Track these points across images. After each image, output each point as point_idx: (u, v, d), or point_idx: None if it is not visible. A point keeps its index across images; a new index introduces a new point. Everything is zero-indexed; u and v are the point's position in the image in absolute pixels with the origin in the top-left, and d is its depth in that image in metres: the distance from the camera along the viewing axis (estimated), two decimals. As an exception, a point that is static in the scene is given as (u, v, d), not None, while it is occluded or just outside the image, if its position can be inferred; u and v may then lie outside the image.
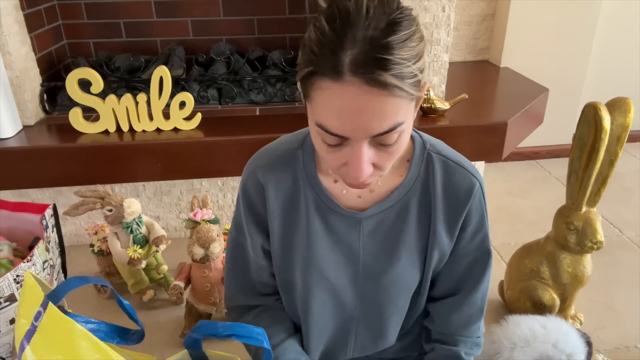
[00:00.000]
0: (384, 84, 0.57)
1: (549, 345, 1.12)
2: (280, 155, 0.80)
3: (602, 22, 2.25)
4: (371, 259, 0.81)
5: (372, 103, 0.58)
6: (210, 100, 1.82)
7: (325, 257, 0.81)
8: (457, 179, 0.78)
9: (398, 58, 0.57)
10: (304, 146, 0.80)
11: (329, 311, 0.86)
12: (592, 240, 1.31)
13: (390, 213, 0.79)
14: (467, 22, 2.26)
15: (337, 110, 0.60)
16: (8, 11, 1.54)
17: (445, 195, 0.78)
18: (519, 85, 2.06)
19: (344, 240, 0.81)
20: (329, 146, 0.65)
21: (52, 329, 0.68)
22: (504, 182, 2.30)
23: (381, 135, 0.62)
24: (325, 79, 0.59)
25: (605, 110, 1.22)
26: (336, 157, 0.66)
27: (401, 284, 0.83)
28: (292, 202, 0.80)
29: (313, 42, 0.60)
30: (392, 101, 0.59)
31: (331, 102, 0.60)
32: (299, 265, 0.82)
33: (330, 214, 0.79)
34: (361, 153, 0.63)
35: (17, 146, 1.55)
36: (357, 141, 0.62)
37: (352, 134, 0.61)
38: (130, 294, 1.52)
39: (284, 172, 0.79)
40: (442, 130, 1.64)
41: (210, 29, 1.99)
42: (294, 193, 0.80)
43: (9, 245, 1.21)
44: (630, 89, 2.41)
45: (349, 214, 0.79)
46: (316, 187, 0.79)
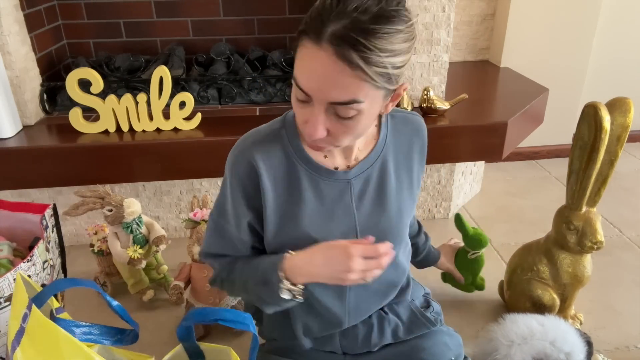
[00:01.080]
0: (350, 61, 0.65)
1: (547, 343, 1.12)
2: (265, 135, 0.86)
3: (602, 22, 2.25)
4: (365, 217, 0.88)
5: (336, 73, 0.66)
6: (210, 100, 1.82)
7: (321, 226, 0.86)
8: (409, 121, 0.93)
9: (372, 45, 0.64)
10: (285, 125, 0.87)
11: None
12: (592, 240, 1.31)
13: (373, 171, 0.89)
14: (467, 22, 2.26)
15: (308, 68, 0.69)
16: (8, 11, 1.54)
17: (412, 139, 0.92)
18: (519, 85, 2.06)
19: (338, 206, 0.87)
20: (298, 101, 0.73)
21: (37, 331, 0.69)
22: (504, 182, 2.30)
23: (338, 104, 0.69)
24: (309, 39, 0.67)
25: (605, 110, 1.22)
26: (302, 113, 0.74)
27: (395, 237, 0.92)
28: (284, 177, 0.85)
29: (314, 9, 0.68)
30: (355, 80, 0.67)
31: (306, 60, 0.68)
32: (295, 238, 0.86)
33: (321, 182, 0.86)
34: (317, 114, 0.71)
35: (17, 146, 1.55)
36: (317, 103, 0.70)
37: (314, 93, 0.69)
38: (130, 294, 1.52)
39: (273, 149, 0.85)
40: (442, 130, 1.64)
41: (210, 29, 2.00)
42: (285, 167, 0.85)
43: (9, 245, 1.21)
44: (630, 89, 2.41)
45: (338, 176, 0.85)
46: (304, 158, 0.85)
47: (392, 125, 0.91)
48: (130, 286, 1.51)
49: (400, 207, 0.92)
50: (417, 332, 0.99)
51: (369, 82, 0.67)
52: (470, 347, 1.26)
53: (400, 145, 0.91)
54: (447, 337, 1.00)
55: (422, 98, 1.68)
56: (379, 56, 0.65)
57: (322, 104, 0.70)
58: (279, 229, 0.87)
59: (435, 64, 1.72)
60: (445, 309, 1.15)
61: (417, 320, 1.00)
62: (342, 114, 0.71)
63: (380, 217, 0.90)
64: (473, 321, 1.48)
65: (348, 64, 0.65)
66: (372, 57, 0.65)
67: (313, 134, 0.72)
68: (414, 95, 1.75)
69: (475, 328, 1.44)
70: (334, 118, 0.72)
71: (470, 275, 1.48)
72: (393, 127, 0.91)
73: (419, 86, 1.73)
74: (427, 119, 1.68)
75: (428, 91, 1.67)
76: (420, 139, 0.94)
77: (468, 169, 2.06)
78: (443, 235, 1.68)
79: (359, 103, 0.69)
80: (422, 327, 1.00)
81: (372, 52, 0.65)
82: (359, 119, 0.72)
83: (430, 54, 1.70)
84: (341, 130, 0.73)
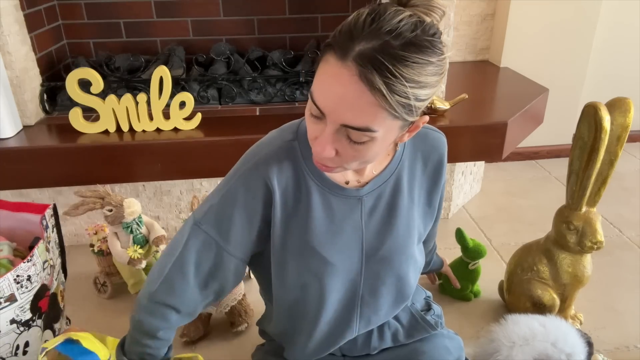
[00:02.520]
0: (372, 85, 0.61)
1: (548, 344, 1.12)
2: (279, 148, 0.81)
3: (602, 22, 2.25)
4: (372, 235, 0.86)
5: (356, 95, 0.62)
6: (210, 100, 1.82)
7: (330, 242, 0.84)
8: (428, 137, 0.90)
9: (398, 72, 0.60)
10: (298, 137, 0.82)
11: (335, 295, 0.88)
12: (592, 240, 1.31)
13: (386, 188, 0.86)
14: (467, 22, 2.26)
15: (327, 85, 0.65)
16: (8, 11, 1.54)
17: (429, 156, 0.89)
18: (519, 85, 2.06)
19: (347, 222, 0.84)
20: (311, 116, 0.70)
21: None
22: (504, 182, 2.30)
23: (351, 128, 0.66)
24: (334, 55, 0.64)
25: (605, 110, 1.22)
26: (313, 129, 0.71)
27: (401, 255, 0.89)
28: (295, 191, 0.82)
29: (345, 23, 0.65)
30: (373, 106, 0.63)
31: (326, 76, 0.65)
32: (300, 251, 0.83)
33: (332, 197, 0.83)
34: (327, 133, 0.68)
35: (17, 146, 1.55)
36: (330, 122, 0.67)
37: (328, 111, 0.66)
38: (130, 293, 1.52)
39: (285, 162, 0.81)
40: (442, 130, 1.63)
41: (210, 29, 1.99)
42: (296, 181, 0.81)
43: (9, 245, 1.21)
44: (630, 89, 2.41)
45: (350, 193, 0.83)
46: (316, 173, 0.82)
47: (410, 141, 0.87)
48: (130, 286, 1.51)
49: (410, 226, 0.89)
50: (418, 336, 0.99)
51: (387, 111, 0.63)
52: (471, 348, 1.26)
53: (417, 162, 0.88)
54: (448, 340, 1.00)
55: (422, 98, 1.68)
56: (403, 85, 0.61)
57: (335, 124, 0.66)
58: (285, 242, 0.84)
59: (435, 64, 1.72)
60: (445, 309, 1.15)
61: (417, 324, 0.99)
62: (354, 138, 0.67)
63: (389, 234, 0.86)
64: (473, 321, 1.48)
65: (369, 87, 0.61)
66: (397, 85, 0.61)
67: (321, 152, 0.69)
68: (414, 95, 1.74)
69: (475, 328, 1.44)
70: (344, 140, 0.68)
71: (469, 284, 1.54)
72: (411, 143, 0.87)
73: (419, 86, 1.73)
74: (427, 119, 1.68)
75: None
76: (438, 156, 0.90)
77: (468, 169, 2.06)
78: (443, 235, 1.68)
79: (373, 132, 0.66)
80: (422, 331, 0.99)
81: (397, 80, 0.61)
82: (370, 146, 0.69)
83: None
84: (350, 154, 0.70)
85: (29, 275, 1.07)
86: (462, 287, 1.53)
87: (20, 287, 1.06)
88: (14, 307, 1.06)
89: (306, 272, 0.85)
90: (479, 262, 1.53)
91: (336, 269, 0.85)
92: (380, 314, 0.93)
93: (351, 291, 0.88)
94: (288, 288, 0.88)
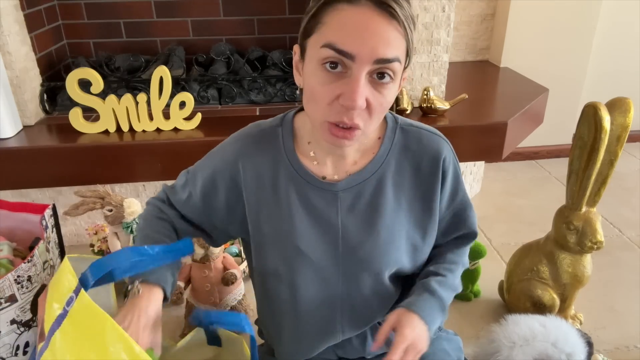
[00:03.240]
0: (392, 12, 0.66)
1: (548, 344, 1.12)
2: (262, 130, 0.85)
3: (602, 22, 2.25)
4: (350, 235, 0.83)
5: (381, 26, 0.66)
6: (210, 100, 1.82)
7: (304, 232, 0.83)
8: (426, 142, 0.84)
9: (401, 2, 0.67)
10: (283, 124, 0.84)
11: (311, 291, 0.86)
12: (592, 240, 1.31)
13: (366, 187, 0.82)
14: (467, 22, 2.26)
15: (350, 26, 0.66)
16: (8, 11, 1.54)
17: (421, 162, 0.83)
18: (519, 85, 2.06)
19: (323, 216, 0.83)
20: (327, 74, 0.68)
21: (82, 315, 0.69)
22: (504, 182, 2.30)
23: (383, 63, 0.66)
24: (342, 2, 0.66)
25: (605, 110, 1.22)
26: (331, 89, 0.68)
27: (382, 259, 0.84)
28: (271, 176, 0.83)
29: None
30: (396, 33, 0.67)
31: (346, 20, 0.66)
32: (276, 238, 0.84)
33: (308, 189, 0.82)
34: (359, 79, 0.67)
35: (17, 146, 1.55)
36: (360, 65, 0.66)
37: (361, 51, 0.65)
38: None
39: (266, 146, 0.83)
40: (442, 130, 1.61)
41: (210, 29, 1.99)
42: (273, 167, 0.83)
43: (9, 245, 1.21)
44: (630, 89, 2.41)
45: (325, 186, 0.82)
46: (294, 161, 0.82)
47: (401, 140, 0.83)
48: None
49: (395, 230, 0.84)
50: None
51: (404, 39, 0.68)
52: (471, 348, 1.26)
53: (406, 164, 0.83)
54: (446, 342, 0.99)
55: (422, 98, 1.68)
56: (408, 18, 0.68)
57: (365, 67, 0.66)
58: (260, 226, 0.85)
59: (435, 64, 1.72)
60: (445, 309, 1.15)
61: None
62: (384, 73, 0.68)
63: (368, 236, 0.83)
64: (474, 321, 1.48)
65: (390, 15, 0.66)
66: (405, 15, 0.67)
67: (355, 100, 0.66)
68: (413, 95, 1.75)
69: (475, 328, 1.44)
70: (371, 87, 0.69)
71: (470, 284, 1.55)
72: (401, 143, 0.83)
73: (419, 86, 1.73)
74: (427, 119, 1.68)
75: (428, 91, 1.67)
76: (432, 157, 0.83)
77: (468, 169, 2.06)
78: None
79: (399, 62, 0.69)
80: None
81: (404, 10, 0.67)
82: (391, 89, 0.71)
83: (430, 54, 1.70)
84: (378, 100, 0.69)
85: (29, 276, 1.07)
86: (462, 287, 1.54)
87: (21, 287, 1.06)
88: (15, 308, 1.06)
89: (279, 259, 0.85)
90: (479, 262, 1.53)
91: (308, 261, 0.83)
92: (364, 317, 0.91)
93: (329, 290, 0.87)
94: (264, 274, 0.89)
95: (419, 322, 0.80)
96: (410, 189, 0.84)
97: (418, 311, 0.81)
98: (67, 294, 0.71)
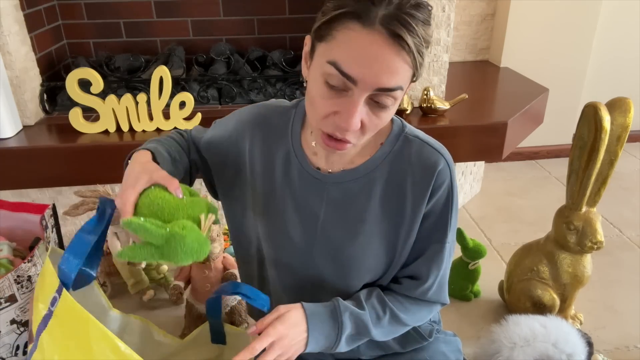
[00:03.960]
0: (404, 43, 0.64)
1: (549, 345, 1.12)
2: (278, 107, 0.88)
3: (602, 22, 2.25)
4: (328, 228, 0.83)
5: (390, 56, 0.64)
6: (210, 100, 1.82)
7: (288, 215, 0.84)
8: (424, 155, 0.80)
9: (416, 30, 0.64)
10: (297, 108, 0.86)
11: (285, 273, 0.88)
12: (592, 240, 1.31)
13: (354, 185, 0.81)
14: (467, 22, 2.26)
15: (358, 51, 0.64)
16: (8, 11, 1.54)
17: (413, 173, 0.80)
18: (519, 85, 2.06)
19: (307, 203, 0.83)
20: (328, 90, 0.68)
21: (66, 315, 0.69)
22: (504, 182, 2.30)
23: (385, 91, 0.66)
24: (356, 22, 0.64)
25: (605, 110, 1.22)
26: (329, 104, 0.69)
27: (360, 264, 0.83)
28: (271, 155, 0.85)
29: None
30: (403, 64, 0.65)
31: (355, 43, 0.64)
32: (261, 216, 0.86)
33: (301, 174, 0.83)
34: (358, 103, 0.66)
35: (17, 146, 1.55)
36: (361, 90, 0.66)
37: (363, 78, 0.65)
38: (130, 293, 1.52)
39: (276, 124, 0.85)
40: (442, 130, 1.64)
41: (210, 29, 1.99)
42: (276, 146, 0.85)
43: (9, 245, 1.21)
44: (630, 89, 2.41)
45: (316, 174, 0.82)
46: (296, 145, 0.83)
47: (401, 148, 0.81)
48: (130, 286, 1.51)
49: (372, 236, 0.82)
50: (411, 347, 0.96)
51: (411, 68, 0.66)
52: (471, 348, 1.26)
53: (399, 173, 0.80)
54: (444, 344, 0.97)
55: (422, 98, 1.68)
56: (421, 44, 0.65)
57: (366, 92, 0.66)
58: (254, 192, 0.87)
59: (435, 64, 1.72)
60: (446, 309, 1.15)
61: (409, 335, 0.94)
62: (384, 102, 0.68)
63: (347, 237, 0.82)
64: (474, 321, 1.48)
65: (401, 46, 0.64)
66: (417, 42, 0.65)
67: (350, 124, 0.67)
68: (414, 95, 1.75)
69: (476, 328, 1.44)
70: (369, 109, 0.69)
71: (470, 284, 1.55)
72: (400, 152, 0.81)
73: (419, 86, 1.73)
74: (427, 119, 1.68)
75: (428, 91, 1.67)
76: (424, 175, 0.79)
77: (468, 169, 2.06)
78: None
79: (401, 90, 0.67)
80: (414, 342, 0.95)
81: (418, 38, 0.65)
82: (391, 109, 0.70)
83: (430, 54, 1.70)
84: (374, 122, 0.70)
85: (29, 276, 1.07)
86: (462, 287, 1.54)
87: (21, 287, 1.06)
88: (14, 308, 1.06)
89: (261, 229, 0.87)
90: (479, 262, 1.53)
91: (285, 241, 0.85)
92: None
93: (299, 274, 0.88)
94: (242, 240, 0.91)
95: (301, 325, 0.76)
96: (398, 200, 0.80)
97: (309, 316, 0.77)
98: (50, 294, 0.71)
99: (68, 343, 0.69)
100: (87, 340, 0.67)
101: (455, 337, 1.02)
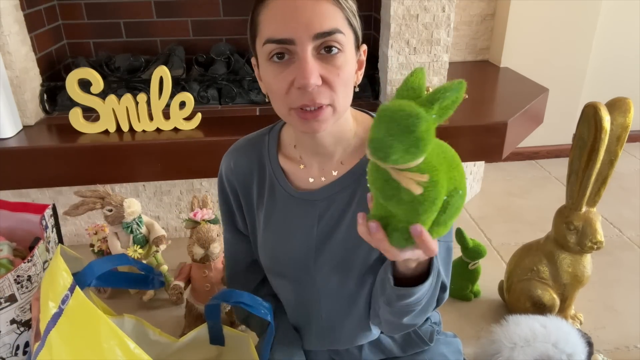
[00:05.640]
0: None
1: (549, 345, 1.12)
2: (249, 139, 0.88)
3: (602, 22, 2.25)
4: (327, 241, 0.82)
5: (309, 3, 0.66)
6: (210, 100, 1.82)
7: (280, 238, 0.85)
8: None
9: None
10: (271, 132, 0.87)
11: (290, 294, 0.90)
12: (592, 240, 1.31)
13: (339, 196, 0.80)
14: (467, 22, 2.26)
15: (281, 13, 0.67)
16: (8, 11, 1.54)
17: None
18: (519, 85, 2.06)
19: (299, 224, 0.83)
20: (277, 65, 0.69)
21: (77, 313, 0.69)
22: (504, 182, 2.30)
23: (324, 36, 0.67)
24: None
25: (605, 110, 1.22)
26: (284, 77, 0.68)
27: (362, 268, 0.82)
28: (255, 184, 0.85)
29: None
30: (328, 6, 0.67)
31: (276, 11, 0.67)
32: (259, 245, 0.88)
33: (286, 198, 0.83)
34: (305, 57, 0.67)
35: (17, 146, 1.55)
36: (301, 45, 0.66)
37: (296, 32, 0.66)
38: (130, 293, 1.52)
39: (251, 154, 0.86)
40: (442, 130, 1.62)
41: (210, 29, 1.99)
42: (257, 174, 0.85)
43: (9, 245, 1.21)
44: (630, 89, 2.41)
45: (302, 195, 0.82)
46: (275, 168, 0.84)
47: None
48: (130, 286, 1.51)
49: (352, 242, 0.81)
50: (412, 351, 0.96)
51: (342, 12, 0.69)
52: (471, 348, 1.26)
53: None
54: (444, 346, 0.97)
55: (422, 98, 1.68)
56: None
57: (307, 45, 0.66)
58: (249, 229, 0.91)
59: (435, 64, 1.72)
60: (445, 309, 1.15)
61: (410, 339, 0.95)
62: (331, 50, 0.68)
63: (343, 244, 0.82)
64: (474, 321, 1.48)
65: None
66: None
67: (306, 76, 0.66)
68: (414, 95, 1.74)
69: (476, 328, 1.44)
70: (322, 63, 0.68)
71: (469, 284, 1.55)
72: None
73: (419, 86, 1.73)
74: (427, 119, 1.68)
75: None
76: None
77: (468, 169, 2.06)
78: (443, 235, 1.68)
79: (342, 34, 0.68)
80: (415, 346, 0.95)
81: None
82: (345, 61, 0.69)
83: (430, 54, 1.70)
84: (334, 74, 0.68)
85: (29, 276, 1.07)
86: (462, 287, 1.54)
87: (21, 287, 1.06)
88: (14, 308, 1.06)
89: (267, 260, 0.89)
90: (479, 262, 1.53)
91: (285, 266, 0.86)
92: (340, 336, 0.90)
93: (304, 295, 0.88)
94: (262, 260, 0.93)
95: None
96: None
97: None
98: (62, 292, 0.71)
99: (78, 341, 0.69)
100: (97, 339, 0.68)
101: (455, 337, 1.02)
